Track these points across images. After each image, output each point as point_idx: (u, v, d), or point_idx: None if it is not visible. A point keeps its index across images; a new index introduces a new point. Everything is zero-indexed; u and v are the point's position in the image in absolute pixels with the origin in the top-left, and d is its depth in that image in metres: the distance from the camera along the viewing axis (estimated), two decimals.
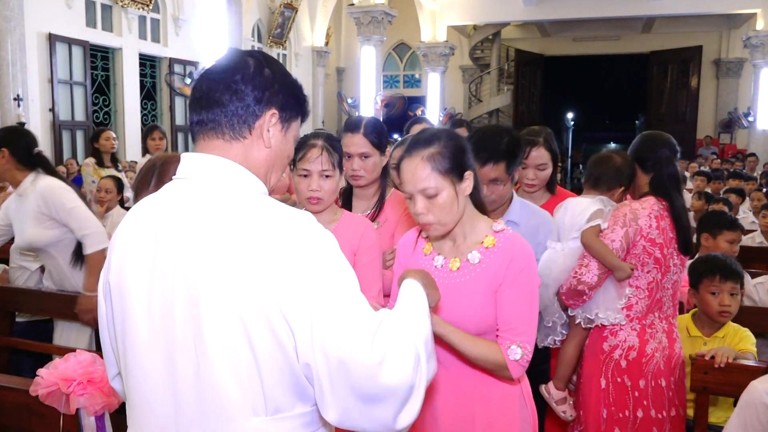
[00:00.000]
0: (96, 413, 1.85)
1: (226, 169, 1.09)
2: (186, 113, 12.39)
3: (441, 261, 1.63)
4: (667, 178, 2.26)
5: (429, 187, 1.51)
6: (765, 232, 4.50)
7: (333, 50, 17.74)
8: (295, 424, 1.05)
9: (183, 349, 1.03)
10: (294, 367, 1.02)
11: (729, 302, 2.44)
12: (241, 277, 0.99)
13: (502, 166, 2.03)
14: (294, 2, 14.49)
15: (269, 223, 1.03)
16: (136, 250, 1.09)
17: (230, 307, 0.99)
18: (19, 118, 8.54)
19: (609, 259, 2.16)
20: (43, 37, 9.22)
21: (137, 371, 1.09)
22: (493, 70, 18.19)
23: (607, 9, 14.54)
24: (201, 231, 1.04)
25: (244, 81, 1.10)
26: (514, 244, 1.58)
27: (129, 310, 1.09)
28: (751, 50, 14.58)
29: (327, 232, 1.07)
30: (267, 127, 1.12)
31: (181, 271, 1.04)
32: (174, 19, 11.84)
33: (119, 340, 1.13)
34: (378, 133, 2.22)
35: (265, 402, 1.02)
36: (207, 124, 1.11)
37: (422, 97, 17.09)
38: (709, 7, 14.32)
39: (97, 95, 10.66)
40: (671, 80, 17.88)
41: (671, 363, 2.21)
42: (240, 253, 1.00)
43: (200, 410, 1.03)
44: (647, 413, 2.20)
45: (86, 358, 1.89)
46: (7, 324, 3.08)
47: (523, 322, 1.53)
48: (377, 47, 14.45)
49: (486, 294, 1.55)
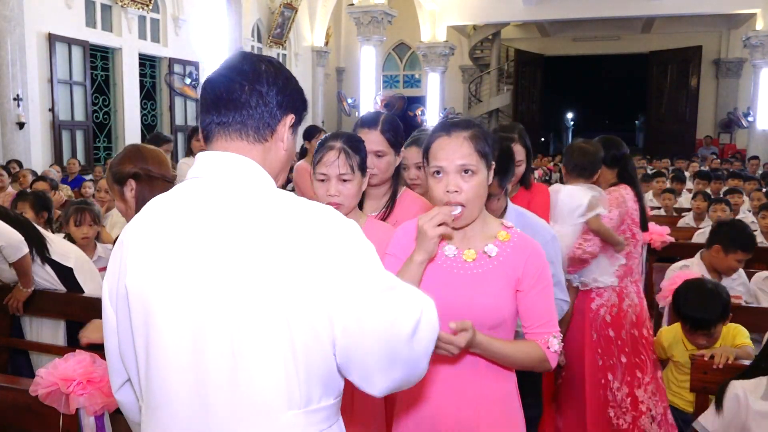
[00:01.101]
0: (96, 413, 1.85)
1: (249, 168, 1.11)
2: (186, 113, 12.39)
3: (453, 251, 1.60)
4: (632, 171, 2.98)
5: (470, 164, 1.50)
6: (765, 232, 4.50)
7: (333, 50, 17.73)
8: (322, 416, 1.09)
9: (216, 350, 1.03)
10: (328, 358, 1.05)
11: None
12: (282, 276, 1.02)
13: (495, 181, 1.98)
14: (294, 2, 14.49)
15: (302, 219, 1.06)
16: (159, 250, 1.08)
17: (273, 306, 1.01)
18: (18, 118, 8.54)
19: (613, 239, 2.81)
20: (43, 37, 9.22)
21: (162, 375, 1.07)
22: (493, 70, 18.19)
23: (607, 9, 14.53)
24: (234, 232, 1.04)
25: (269, 85, 1.13)
26: (528, 240, 1.61)
27: (154, 312, 1.07)
28: (750, 50, 14.57)
29: (350, 220, 1.11)
30: (285, 130, 1.16)
31: (214, 271, 1.04)
32: (174, 19, 11.84)
33: (140, 344, 1.10)
34: (395, 131, 2.13)
35: (300, 394, 1.04)
36: (230, 125, 1.13)
37: (422, 97, 17.09)
38: (709, 7, 14.31)
39: (97, 95, 10.65)
40: (671, 80, 17.89)
41: (642, 317, 2.92)
42: (276, 250, 1.02)
43: (233, 408, 1.04)
44: (630, 358, 2.83)
45: (86, 358, 1.90)
46: (7, 324, 3.08)
47: (552, 314, 1.57)
48: (377, 47, 14.45)
49: (504, 287, 1.55)
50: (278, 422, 1.04)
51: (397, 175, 2.21)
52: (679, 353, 2.65)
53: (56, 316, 3.02)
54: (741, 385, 1.93)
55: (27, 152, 8.73)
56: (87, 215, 3.40)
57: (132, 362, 1.14)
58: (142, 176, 1.92)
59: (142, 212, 1.15)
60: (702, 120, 17.31)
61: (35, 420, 1.89)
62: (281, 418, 1.04)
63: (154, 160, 1.97)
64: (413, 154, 2.39)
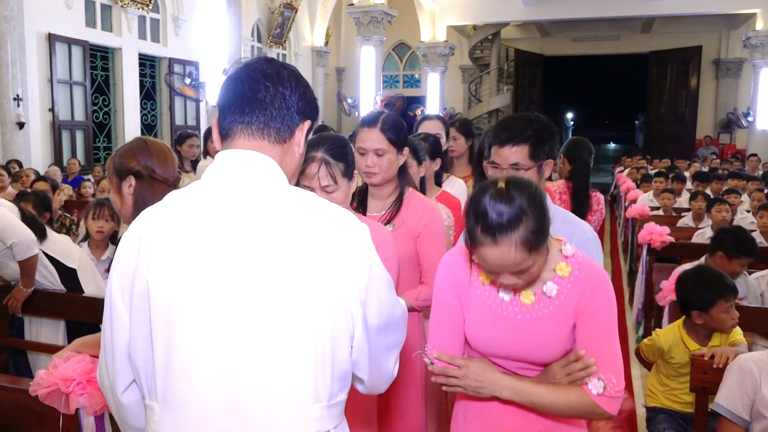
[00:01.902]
0: (95, 413, 1.85)
1: (270, 167, 1.15)
2: (185, 113, 12.38)
3: (509, 294, 1.46)
4: (582, 171, 3.28)
5: (525, 266, 1.34)
6: (764, 232, 4.50)
7: (333, 50, 17.73)
8: (338, 411, 1.14)
9: (245, 343, 1.05)
10: (348, 354, 1.12)
11: (734, 316, 2.56)
12: (304, 269, 1.06)
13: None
14: (294, 2, 14.48)
15: (325, 219, 1.11)
16: (183, 247, 1.07)
17: (298, 299, 1.05)
18: (18, 118, 8.53)
19: None
20: (43, 37, 9.22)
21: (188, 370, 1.07)
22: (493, 70, 18.19)
23: (607, 9, 14.53)
24: (258, 227, 1.07)
25: (291, 89, 1.17)
26: (592, 271, 1.44)
27: (178, 310, 1.06)
28: (750, 50, 14.56)
29: (364, 225, 1.17)
30: (302, 135, 1.21)
31: (240, 269, 1.05)
32: (174, 19, 11.84)
33: (160, 341, 1.08)
34: (396, 130, 2.12)
35: (325, 389, 1.09)
36: (253, 125, 1.15)
37: (422, 97, 17.08)
38: (709, 7, 14.31)
39: (97, 95, 10.64)
40: (671, 80, 17.88)
41: None
42: (301, 248, 1.07)
43: (264, 403, 1.06)
44: None
45: (85, 358, 1.89)
46: (7, 324, 3.08)
47: (607, 355, 1.40)
48: (377, 47, 14.44)
49: (567, 327, 1.43)
50: (305, 416, 1.08)
51: (402, 175, 2.19)
52: (679, 354, 2.65)
53: (56, 316, 3.02)
54: (749, 356, 2.03)
55: (27, 152, 8.73)
56: (106, 210, 3.42)
57: (143, 360, 1.12)
58: (144, 176, 1.86)
59: (160, 208, 1.14)
60: (702, 120, 17.30)
61: (35, 420, 1.88)
62: (308, 411, 1.08)
63: (159, 158, 1.91)
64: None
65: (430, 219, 2.15)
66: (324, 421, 1.09)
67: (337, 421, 1.13)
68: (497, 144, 1.79)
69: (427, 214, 2.15)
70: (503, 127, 1.81)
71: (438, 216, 2.20)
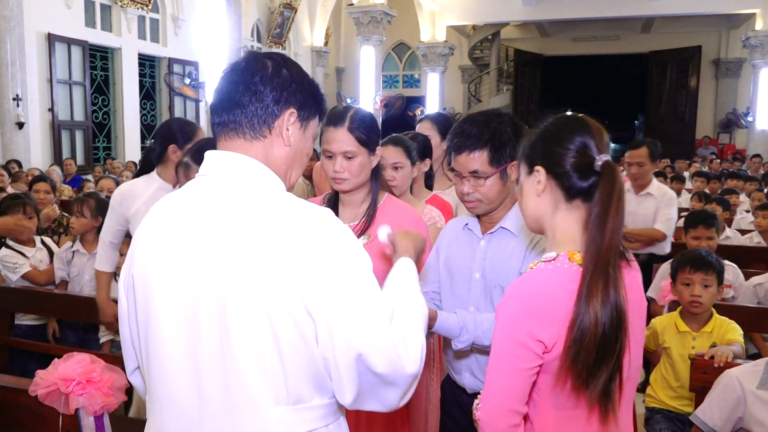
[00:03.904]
0: (95, 413, 1.85)
1: (247, 166, 1.13)
2: (185, 113, 12.38)
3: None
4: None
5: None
6: (763, 232, 4.50)
7: (332, 50, 17.73)
8: (314, 415, 1.09)
9: (208, 342, 1.06)
10: (315, 359, 1.06)
11: (700, 293, 2.58)
12: (266, 272, 1.03)
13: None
14: (293, 2, 14.49)
15: (292, 219, 1.07)
16: (162, 244, 1.12)
17: (256, 301, 1.03)
18: (18, 118, 8.53)
19: None
20: (43, 36, 9.21)
21: (160, 364, 1.11)
22: (493, 70, 18.19)
23: (607, 9, 14.53)
24: (226, 227, 1.07)
25: (263, 82, 1.14)
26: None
27: (153, 303, 1.11)
28: (750, 50, 14.58)
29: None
30: (286, 126, 1.16)
31: (207, 267, 1.06)
32: (173, 19, 11.84)
33: (141, 333, 1.14)
34: (367, 128, 1.84)
35: (287, 392, 1.06)
36: (228, 125, 1.15)
37: (422, 97, 17.09)
38: (709, 7, 14.32)
39: (97, 95, 10.65)
40: (670, 80, 17.87)
41: None
42: (265, 248, 1.04)
43: (225, 401, 1.06)
44: None
45: (85, 358, 1.89)
46: (7, 324, 3.08)
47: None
48: (376, 47, 14.44)
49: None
50: (266, 417, 1.05)
51: (376, 179, 1.93)
52: (670, 337, 2.66)
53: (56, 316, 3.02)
54: (735, 373, 2.04)
55: (27, 152, 8.73)
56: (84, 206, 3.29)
57: (138, 351, 1.19)
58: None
59: (156, 207, 1.19)
60: (701, 120, 17.30)
61: (35, 420, 1.89)
62: (269, 413, 1.05)
63: None
64: (390, 153, 2.28)
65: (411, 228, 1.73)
66: (290, 424, 1.06)
67: (317, 423, 1.09)
68: (454, 151, 1.69)
69: (406, 222, 1.84)
70: (459, 132, 1.69)
71: (420, 222, 1.94)
